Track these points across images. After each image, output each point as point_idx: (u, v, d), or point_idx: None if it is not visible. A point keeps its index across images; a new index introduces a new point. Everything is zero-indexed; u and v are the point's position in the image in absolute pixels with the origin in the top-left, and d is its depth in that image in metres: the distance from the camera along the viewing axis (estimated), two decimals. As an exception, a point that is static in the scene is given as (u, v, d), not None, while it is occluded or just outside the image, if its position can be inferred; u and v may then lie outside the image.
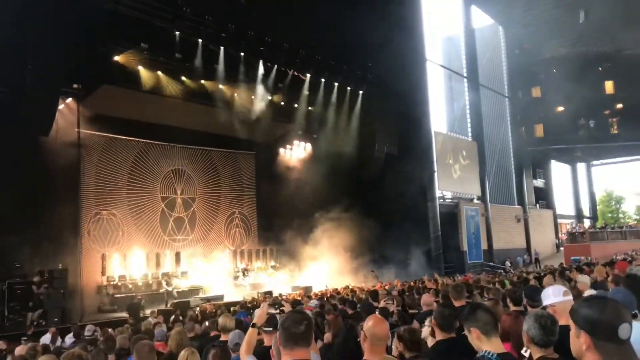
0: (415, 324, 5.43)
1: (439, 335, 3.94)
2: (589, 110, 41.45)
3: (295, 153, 26.61)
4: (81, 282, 18.44)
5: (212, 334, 7.05)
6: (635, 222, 48.01)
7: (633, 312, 3.85)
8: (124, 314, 16.78)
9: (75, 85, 17.71)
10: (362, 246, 23.51)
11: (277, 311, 4.54)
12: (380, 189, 24.21)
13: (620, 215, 54.42)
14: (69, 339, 11.30)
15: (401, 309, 7.24)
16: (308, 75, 22.09)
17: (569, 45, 40.70)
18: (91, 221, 20.79)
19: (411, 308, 7.77)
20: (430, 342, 4.32)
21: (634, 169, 51.41)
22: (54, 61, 14.89)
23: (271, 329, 4.23)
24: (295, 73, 21.81)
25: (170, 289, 20.05)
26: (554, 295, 3.73)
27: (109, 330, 10.79)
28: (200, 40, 18.43)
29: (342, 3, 21.76)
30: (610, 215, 53.76)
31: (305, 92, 22.48)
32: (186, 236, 24.00)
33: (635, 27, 36.44)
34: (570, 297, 3.73)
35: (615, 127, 42.27)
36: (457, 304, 5.41)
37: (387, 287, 13.24)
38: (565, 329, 2.41)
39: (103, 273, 20.47)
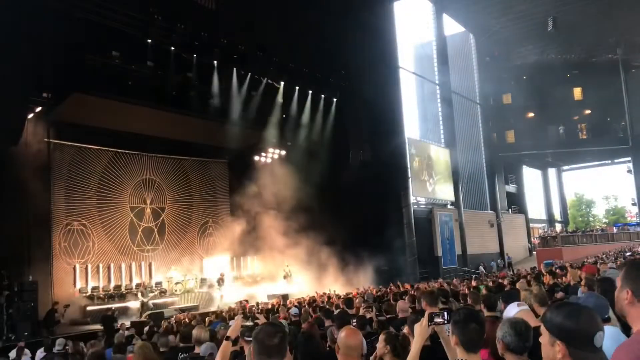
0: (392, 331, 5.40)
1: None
2: (559, 116, 42.29)
3: (269, 161, 26.48)
4: (52, 294, 18.08)
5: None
6: (605, 225, 48.96)
7: (605, 317, 3.91)
8: (98, 327, 16.50)
9: (45, 94, 17.45)
10: (337, 253, 23.48)
11: (252, 324, 4.46)
12: (355, 196, 24.25)
13: (591, 218, 55.48)
14: (40, 353, 11.05)
15: (378, 316, 7.22)
16: (282, 83, 22.09)
17: (538, 53, 41.50)
18: (62, 232, 20.40)
19: (388, 314, 7.75)
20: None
21: (602, 173, 52.54)
22: (23, 70, 14.65)
23: (252, 338, 4.17)
24: (269, 81, 21.79)
25: (144, 300, 19.78)
26: (512, 309, 3.86)
27: (80, 343, 10.57)
28: (172, 48, 18.29)
29: (315, 11, 21.83)
30: (580, 219, 54.76)
31: (279, 99, 22.46)
32: (155, 246, 23.65)
33: (601, 35, 37.36)
34: (526, 306, 3.96)
35: (584, 132, 43.19)
36: (430, 310, 5.41)
37: (362, 294, 13.25)
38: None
39: (75, 285, 20.12)
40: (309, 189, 23.18)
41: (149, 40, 17.60)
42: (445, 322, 3.09)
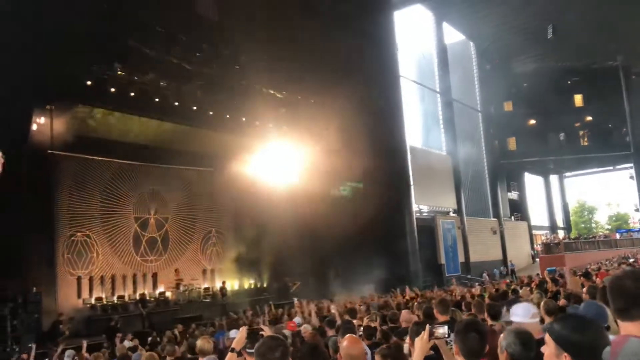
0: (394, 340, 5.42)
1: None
2: (560, 123, 42.33)
3: (273, 170, 26.38)
4: (57, 305, 18.08)
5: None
6: (608, 231, 48.84)
7: (605, 325, 3.93)
8: (101, 338, 16.47)
9: (48, 106, 17.55)
10: (340, 261, 23.47)
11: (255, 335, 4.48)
12: (357, 203, 24.27)
13: (593, 225, 55.33)
14: (44, 365, 11.08)
15: (382, 325, 7.23)
16: (284, 92, 22.18)
17: (538, 60, 41.58)
18: (65, 243, 20.37)
19: (392, 322, 7.74)
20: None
21: (604, 180, 52.49)
22: (26, 81, 14.74)
23: (253, 351, 4.19)
24: (271, 91, 21.88)
25: (145, 311, 19.72)
26: (523, 315, 3.79)
27: (85, 354, 10.59)
28: (174, 60, 18.39)
29: (316, 21, 21.95)
30: (583, 225, 54.62)
31: (282, 110, 22.53)
32: (159, 257, 23.57)
33: (601, 42, 37.43)
34: (537, 320, 3.85)
35: (586, 139, 43.20)
36: (441, 319, 5.44)
37: (367, 303, 13.22)
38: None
39: (79, 296, 20.09)
40: (312, 198, 23.20)
41: (149, 51, 17.70)
42: (446, 335, 3.10)
